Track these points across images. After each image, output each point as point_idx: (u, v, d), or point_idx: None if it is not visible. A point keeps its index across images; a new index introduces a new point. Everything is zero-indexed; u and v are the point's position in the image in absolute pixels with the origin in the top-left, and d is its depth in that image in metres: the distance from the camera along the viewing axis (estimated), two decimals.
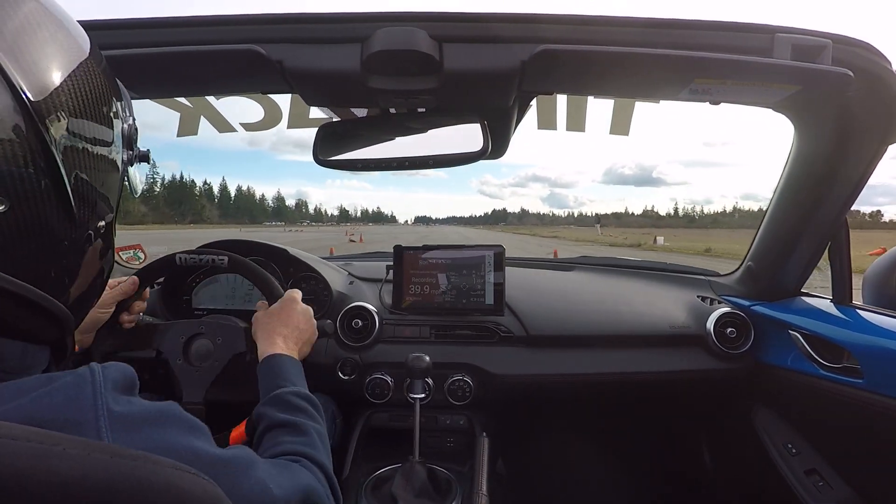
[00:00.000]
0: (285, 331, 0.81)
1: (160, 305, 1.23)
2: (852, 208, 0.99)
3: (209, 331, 0.91)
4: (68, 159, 0.39)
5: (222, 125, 1.11)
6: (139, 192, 0.57)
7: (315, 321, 0.91)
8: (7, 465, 0.24)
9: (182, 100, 1.05)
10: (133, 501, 0.28)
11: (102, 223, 0.46)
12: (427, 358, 0.99)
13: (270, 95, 1.06)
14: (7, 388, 0.34)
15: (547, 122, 1.05)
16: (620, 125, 1.04)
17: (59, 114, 0.38)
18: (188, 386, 0.87)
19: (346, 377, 1.19)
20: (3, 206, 0.36)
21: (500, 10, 0.75)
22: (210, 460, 0.43)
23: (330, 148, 0.87)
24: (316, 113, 1.09)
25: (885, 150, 0.87)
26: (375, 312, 1.23)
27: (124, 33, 0.69)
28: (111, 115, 0.46)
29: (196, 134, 1.11)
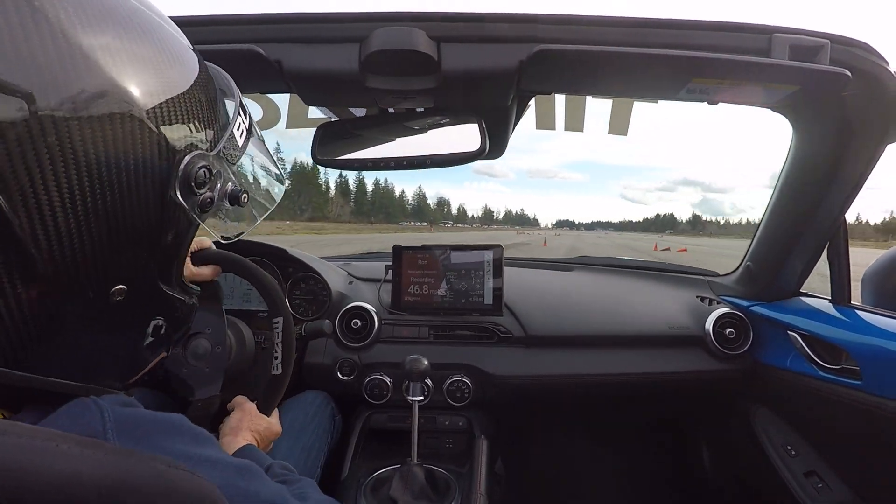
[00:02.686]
0: (258, 434, 0.77)
1: None
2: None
3: (203, 329, 0.91)
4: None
5: None
6: (231, 236, 0.50)
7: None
8: (2, 461, 0.24)
9: None
10: (127, 497, 0.28)
11: (120, 287, 0.37)
12: (425, 360, 0.98)
13: (269, 95, 1.06)
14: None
15: (545, 122, 1.05)
16: (619, 125, 1.04)
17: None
18: (199, 384, 0.87)
19: (344, 377, 1.19)
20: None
21: (498, 10, 0.76)
22: (225, 466, 0.42)
23: (329, 148, 0.87)
24: (315, 113, 1.09)
25: (884, 150, 0.87)
26: (374, 312, 1.23)
27: None
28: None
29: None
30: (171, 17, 0.69)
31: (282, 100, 1.11)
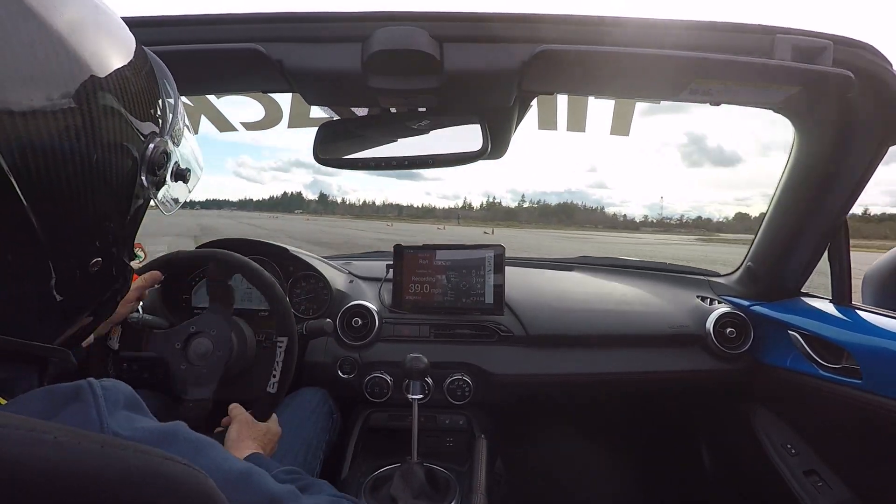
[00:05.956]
0: (259, 440, 0.78)
1: (160, 304, 1.23)
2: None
3: (208, 329, 0.92)
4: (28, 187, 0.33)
5: (223, 124, 1.11)
6: (171, 210, 0.52)
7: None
8: None
9: (183, 98, 1.04)
10: (122, 489, 0.28)
11: (96, 259, 0.40)
12: (425, 359, 0.98)
13: (271, 94, 1.06)
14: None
15: (547, 122, 1.05)
16: (621, 126, 1.04)
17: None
18: (194, 384, 0.88)
19: (345, 376, 1.19)
20: None
21: (501, 10, 0.76)
22: (228, 470, 0.42)
23: (330, 147, 0.87)
24: (316, 112, 1.09)
25: (886, 151, 0.87)
26: (375, 311, 1.23)
27: None
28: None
29: (196, 133, 1.11)
30: (172, 16, 0.70)
31: (284, 99, 1.10)
